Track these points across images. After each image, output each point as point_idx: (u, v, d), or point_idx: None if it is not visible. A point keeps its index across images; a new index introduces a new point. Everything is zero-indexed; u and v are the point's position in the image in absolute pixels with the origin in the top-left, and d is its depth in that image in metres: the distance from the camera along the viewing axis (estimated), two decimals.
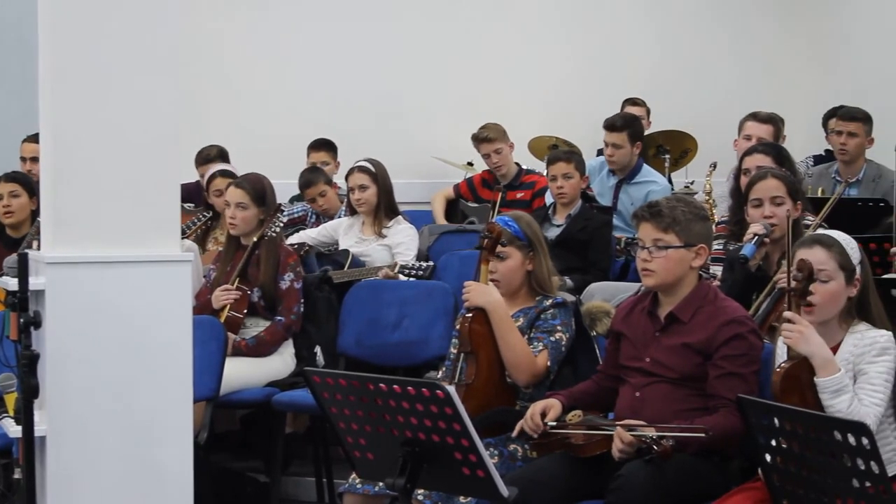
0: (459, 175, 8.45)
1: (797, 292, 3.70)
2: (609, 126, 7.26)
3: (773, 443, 3.35)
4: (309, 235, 6.89)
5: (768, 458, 3.38)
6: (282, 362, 5.73)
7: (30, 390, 3.72)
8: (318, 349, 5.92)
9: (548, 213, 6.66)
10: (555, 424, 4.08)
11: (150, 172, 4.24)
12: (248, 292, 5.69)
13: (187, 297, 4.38)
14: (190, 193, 7.14)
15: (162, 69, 4.25)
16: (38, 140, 4.42)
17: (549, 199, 6.94)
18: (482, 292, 4.48)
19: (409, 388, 3.25)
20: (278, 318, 5.70)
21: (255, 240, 5.74)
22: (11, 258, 4.16)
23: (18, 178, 6.66)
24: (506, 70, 9.09)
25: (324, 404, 3.48)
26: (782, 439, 3.31)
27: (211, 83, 8.08)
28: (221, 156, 7.62)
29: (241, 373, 5.51)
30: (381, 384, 3.32)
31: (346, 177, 6.84)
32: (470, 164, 8.53)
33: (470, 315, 4.46)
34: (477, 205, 7.89)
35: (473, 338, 4.44)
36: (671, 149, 8.29)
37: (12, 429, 4.04)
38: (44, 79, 4.27)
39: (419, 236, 6.83)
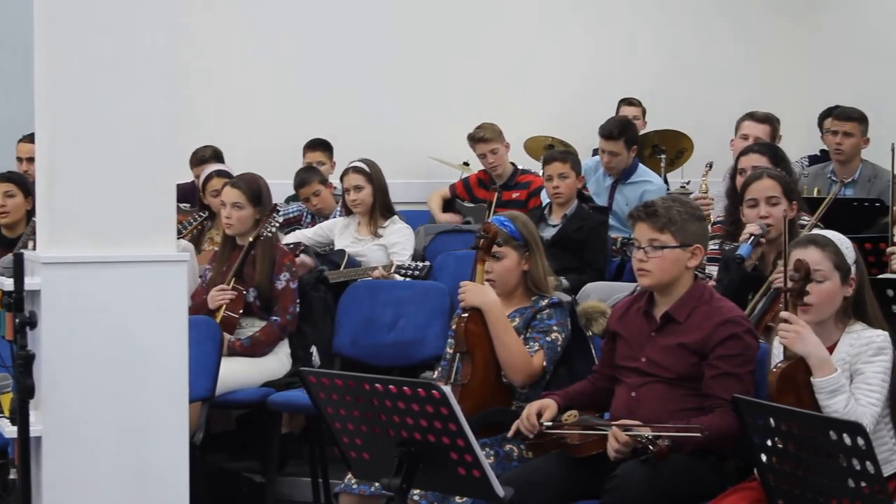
0: (455, 175, 8.44)
1: (794, 292, 3.70)
2: (606, 135, 7.21)
3: (769, 443, 3.35)
4: (305, 235, 6.89)
5: (764, 458, 3.38)
6: (277, 362, 5.72)
7: (25, 390, 3.72)
8: (313, 349, 5.92)
9: (544, 213, 6.66)
10: (550, 424, 4.08)
11: (145, 173, 4.24)
12: (244, 292, 5.69)
13: (183, 298, 4.37)
14: (186, 194, 7.14)
15: (157, 69, 4.25)
16: (34, 140, 4.42)
17: (544, 198, 6.94)
18: (478, 292, 4.47)
19: (404, 388, 3.25)
20: (274, 318, 5.70)
21: (251, 240, 5.73)
22: (7, 258, 4.15)
23: (14, 178, 6.64)
24: (502, 70, 9.08)
25: (319, 404, 3.48)
26: (778, 439, 3.32)
27: (207, 83, 8.06)
28: (216, 156, 7.61)
29: (237, 373, 5.51)
30: (376, 384, 3.31)
31: (341, 177, 6.84)
32: (466, 165, 8.52)
33: (466, 315, 4.46)
34: (473, 205, 7.89)
35: (469, 338, 4.44)
36: (667, 149, 8.28)
37: (8, 429, 4.03)
38: (39, 79, 4.27)
39: (415, 236, 6.83)
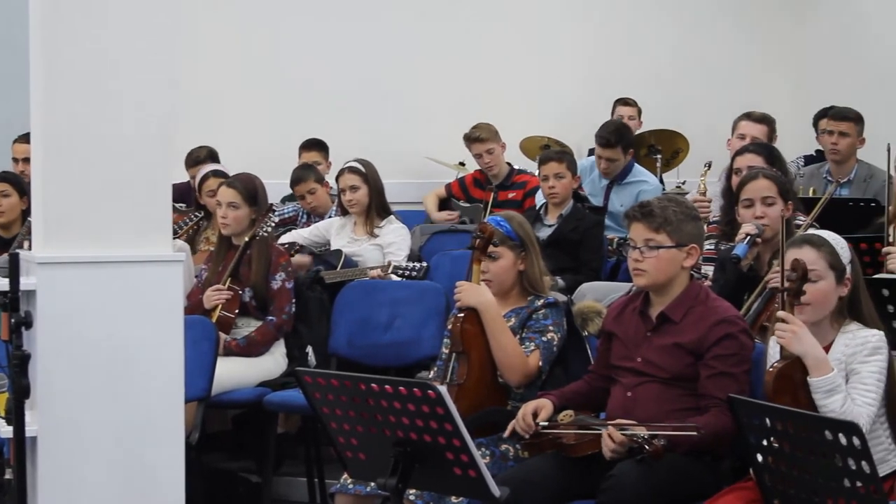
0: (451, 175, 8.44)
1: (791, 292, 3.70)
2: (604, 144, 7.18)
3: (765, 442, 3.35)
4: (301, 235, 6.89)
5: (759, 458, 3.38)
6: (273, 362, 5.72)
7: (21, 390, 3.71)
8: (309, 349, 5.91)
9: (539, 213, 6.66)
10: (546, 424, 4.08)
11: (141, 172, 4.24)
12: (240, 292, 5.68)
13: (179, 298, 4.37)
14: (181, 194, 7.13)
15: (152, 69, 4.25)
16: (30, 141, 4.41)
17: (540, 199, 6.94)
18: (474, 292, 4.47)
19: (400, 388, 3.25)
20: (270, 318, 5.69)
21: (247, 240, 5.72)
22: (2, 258, 4.17)
23: (8, 178, 6.64)
24: (498, 70, 9.08)
25: (315, 404, 3.47)
26: (773, 439, 3.32)
27: (203, 83, 8.06)
28: (211, 157, 7.61)
29: (233, 373, 5.50)
30: (372, 384, 3.31)
31: (337, 178, 6.84)
32: (462, 165, 8.53)
33: (462, 315, 4.46)
34: (469, 204, 7.89)
35: (465, 338, 4.43)
36: (663, 149, 8.29)
37: (3, 429, 4.01)
38: (35, 79, 4.26)
39: (411, 236, 6.83)
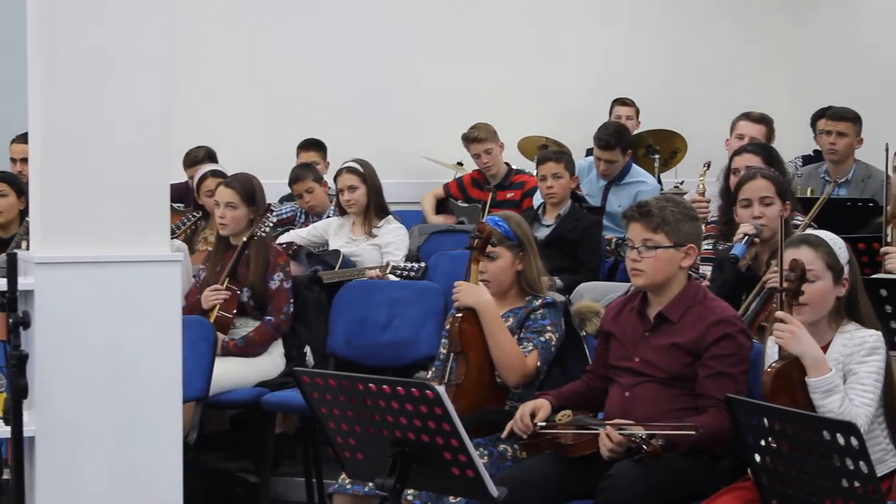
0: (449, 175, 8.44)
1: (790, 292, 3.70)
2: (604, 146, 7.18)
3: (763, 442, 3.35)
4: (299, 235, 6.88)
5: (757, 458, 3.38)
6: (271, 362, 5.72)
7: (19, 390, 3.71)
8: (307, 349, 5.91)
9: (537, 213, 6.66)
10: (544, 425, 4.08)
11: (139, 172, 4.24)
12: (238, 292, 5.68)
13: (177, 298, 4.37)
14: (179, 194, 7.13)
15: (151, 69, 4.25)
16: (28, 141, 4.41)
17: (538, 199, 6.94)
18: (473, 292, 4.47)
19: (398, 388, 3.25)
20: (268, 318, 5.69)
21: (245, 240, 5.72)
22: (0, 258, 4.15)
23: (6, 178, 6.64)
24: (496, 70, 9.08)
25: (313, 404, 3.47)
26: (771, 439, 3.32)
27: (200, 83, 8.06)
28: (209, 157, 7.61)
29: (231, 373, 5.50)
30: (370, 384, 3.31)
31: (335, 178, 6.83)
32: (460, 164, 8.53)
33: (460, 315, 4.45)
34: (466, 204, 7.89)
35: (463, 338, 4.43)
36: (661, 149, 8.29)
37: (1, 429, 4.01)
38: (33, 79, 4.26)
39: (409, 236, 6.82)
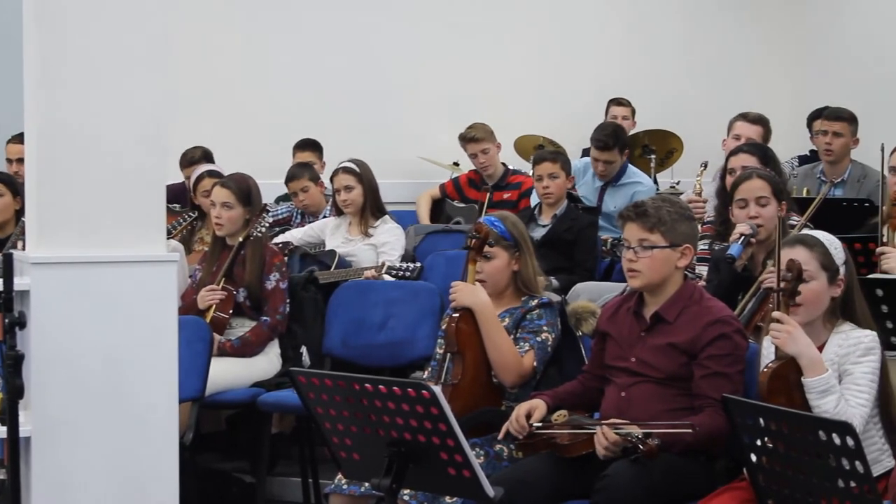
0: (445, 175, 8.44)
1: (786, 292, 3.70)
2: (602, 147, 7.19)
3: (759, 442, 3.35)
4: (295, 235, 6.88)
5: (753, 458, 3.38)
6: (267, 362, 5.71)
7: (15, 391, 3.71)
8: (303, 349, 5.91)
9: (533, 213, 6.66)
10: (540, 425, 4.08)
11: (135, 173, 4.24)
12: (234, 292, 5.68)
13: (173, 298, 4.37)
14: (176, 194, 7.13)
15: (147, 69, 4.25)
16: (23, 141, 4.41)
17: (534, 199, 6.94)
18: (469, 292, 4.47)
19: (394, 388, 3.25)
20: (264, 318, 5.69)
21: (241, 240, 5.72)
22: None
23: (2, 179, 6.62)
24: (493, 70, 9.08)
25: (309, 405, 3.47)
26: (767, 439, 3.32)
27: (196, 83, 8.05)
28: (206, 157, 7.60)
29: (227, 373, 5.50)
30: (366, 384, 3.31)
31: (331, 178, 6.83)
32: (456, 164, 8.53)
33: (457, 315, 4.46)
34: (463, 205, 7.88)
35: (460, 338, 4.43)
36: (657, 149, 8.29)
37: None
38: (29, 79, 4.26)
39: (405, 236, 6.82)
